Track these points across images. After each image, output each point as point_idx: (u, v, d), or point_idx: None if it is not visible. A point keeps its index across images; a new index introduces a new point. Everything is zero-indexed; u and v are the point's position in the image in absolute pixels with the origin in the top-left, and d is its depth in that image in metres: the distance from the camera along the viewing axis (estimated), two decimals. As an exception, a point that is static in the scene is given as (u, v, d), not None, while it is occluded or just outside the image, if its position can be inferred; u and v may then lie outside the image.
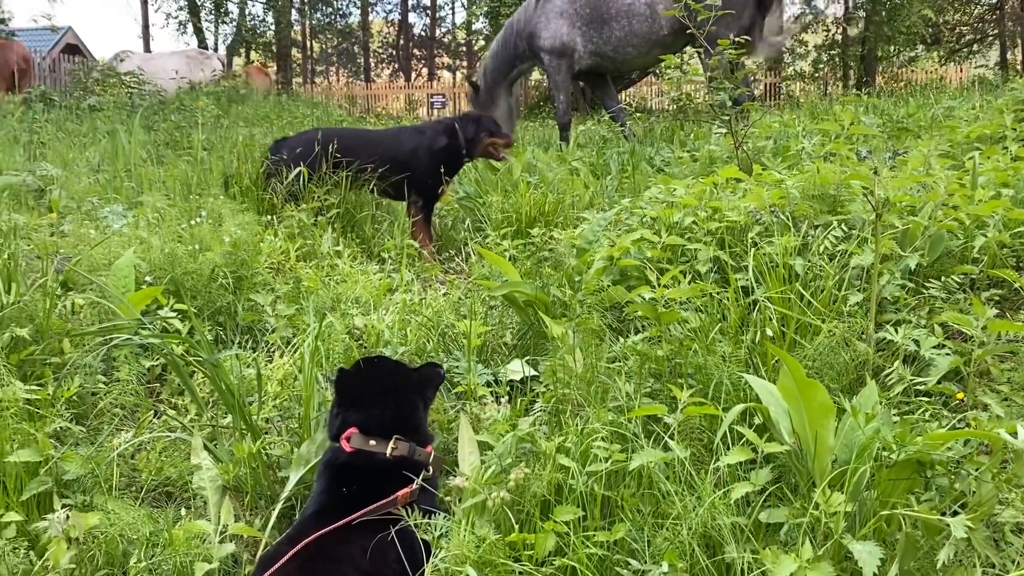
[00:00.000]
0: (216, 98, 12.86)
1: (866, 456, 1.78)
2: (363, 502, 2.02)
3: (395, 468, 2.14)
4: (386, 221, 5.85)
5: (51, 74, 19.40)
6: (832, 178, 3.41)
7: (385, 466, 2.15)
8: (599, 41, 9.55)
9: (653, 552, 1.82)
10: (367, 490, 2.07)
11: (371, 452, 2.17)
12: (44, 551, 2.07)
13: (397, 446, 2.18)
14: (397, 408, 2.31)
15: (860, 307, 2.74)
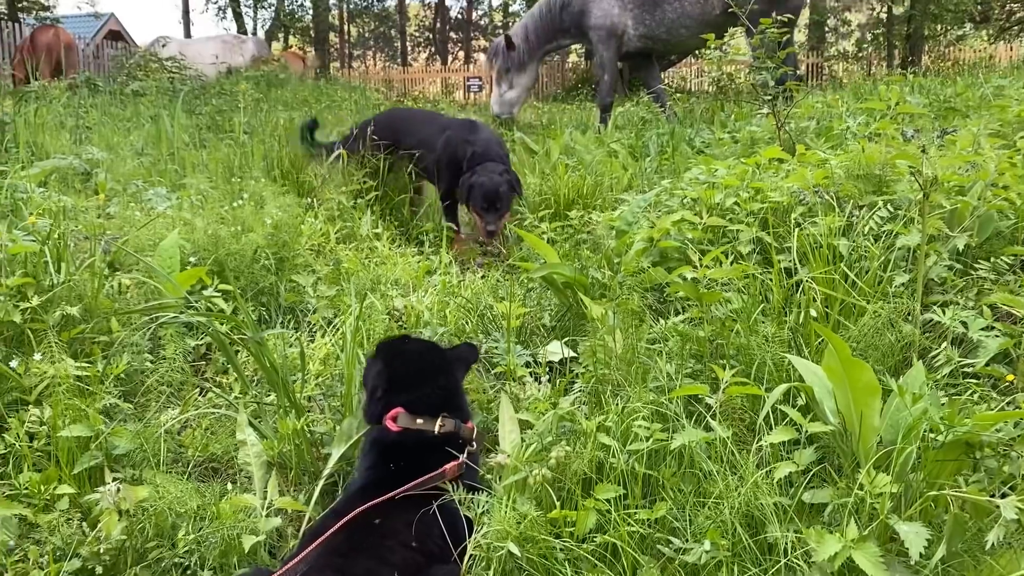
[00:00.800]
0: (255, 82, 12.97)
1: (913, 437, 1.76)
2: (409, 478, 2.04)
3: (442, 445, 2.16)
4: (424, 204, 5.86)
5: (95, 60, 19.71)
6: (878, 158, 3.35)
7: (433, 443, 2.16)
8: (652, 23, 9.46)
9: (695, 531, 1.82)
10: (414, 466, 2.09)
11: (420, 430, 2.19)
12: (96, 523, 2.13)
13: (445, 423, 2.20)
14: (441, 387, 2.32)
15: (906, 288, 2.69)
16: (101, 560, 2.03)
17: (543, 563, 1.78)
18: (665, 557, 1.79)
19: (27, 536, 2.17)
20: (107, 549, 2.04)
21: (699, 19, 9.29)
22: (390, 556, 1.81)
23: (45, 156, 5.45)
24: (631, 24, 9.56)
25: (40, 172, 4.71)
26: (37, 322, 2.83)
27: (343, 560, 1.77)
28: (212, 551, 2.05)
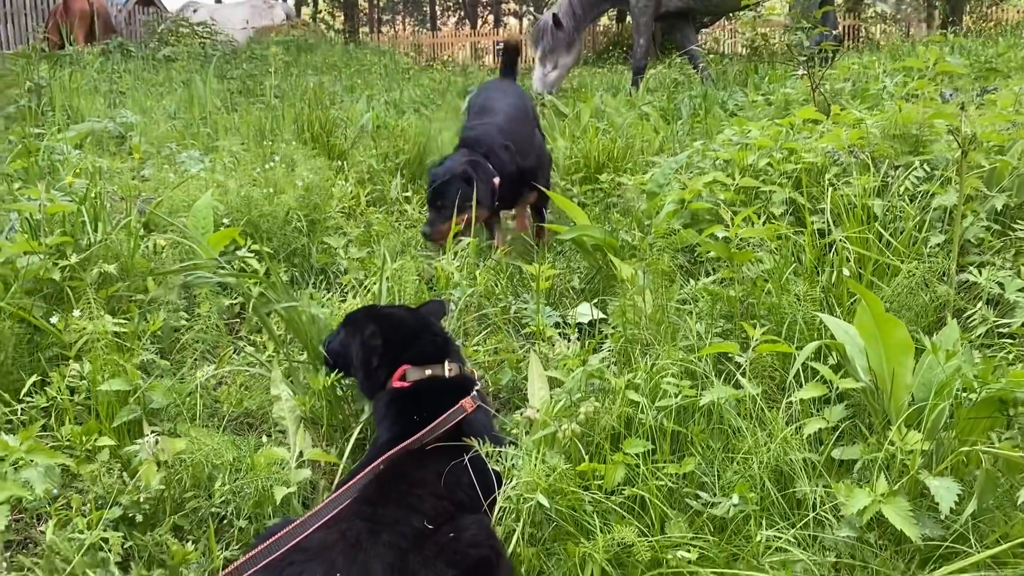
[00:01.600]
0: (285, 47, 12.97)
1: (945, 394, 1.75)
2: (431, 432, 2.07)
3: (456, 389, 2.23)
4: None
5: (127, 26, 19.81)
6: (915, 117, 3.28)
7: (448, 388, 2.23)
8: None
9: (723, 485, 1.83)
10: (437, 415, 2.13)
11: (432, 377, 2.26)
12: (135, 473, 2.18)
13: (452, 367, 2.28)
14: (435, 336, 2.42)
15: (942, 249, 2.65)
16: (141, 508, 2.09)
17: (572, 514, 1.80)
18: (693, 510, 1.81)
19: (69, 485, 2.23)
20: (146, 498, 2.09)
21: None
22: (420, 505, 1.84)
23: (80, 119, 5.52)
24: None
25: (76, 135, 4.78)
26: (76, 280, 2.88)
27: (373, 508, 1.80)
28: (247, 501, 2.09)
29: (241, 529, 2.08)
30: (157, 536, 2.03)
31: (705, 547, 1.69)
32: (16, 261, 2.86)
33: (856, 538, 1.64)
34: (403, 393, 2.27)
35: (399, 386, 2.29)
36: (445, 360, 2.33)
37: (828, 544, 1.67)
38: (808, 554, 1.64)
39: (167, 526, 2.05)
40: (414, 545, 1.72)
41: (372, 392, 2.38)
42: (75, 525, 1.99)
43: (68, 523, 2.02)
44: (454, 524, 1.82)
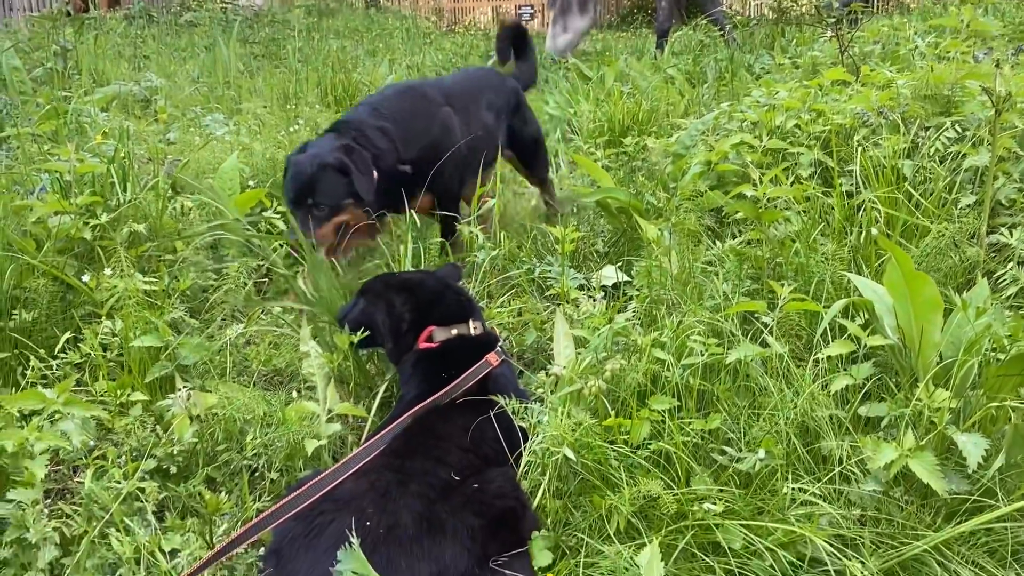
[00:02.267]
0: (307, 11, 12.91)
1: (974, 352, 1.74)
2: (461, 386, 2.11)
3: (481, 347, 2.28)
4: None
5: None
6: (947, 77, 3.23)
7: (475, 345, 2.29)
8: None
9: (749, 442, 1.84)
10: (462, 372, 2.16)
11: (460, 336, 2.32)
12: (168, 427, 2.23)
13: (477, 326, 2.34)
14: (457, 296, 2.47)
15: (972, 209, 2.62)
16: (174, 460, 2.13)
17: (598, 468, 1.82)
18: (718, 465, 1.82)
19: (105, 438, 2.28)
20: (180, 451, 2.14)
21: None
22: (446, 457, 1.87)
23: (106, 83, 5.55)
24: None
25: (102, 98, 4.81)
26: (106, 240, 2.92)
27: (401, 460, 1.83)
28: (278, 454, 2.13)
29: (273, 481, 2.13)
30: (191, 487, 2.07)
31: (731, 500, 1.71)
32: (48, 221, 2.90)
33: (882, 492, 1.65)
34: (430, 353, 2.31)
35: (426, 347, 2.33)
36: (469, 319, 2.38)
37: (853, 498, 1.68)
38: (834, 507, 1.65)
39: (200, 477, 2.09)
40: (441, 495, 1.75)
41: (399, 357, 2.42)
42: (111, 475, 2.04)
43: (104, 474, 2.07)
44: (480, 476, 1.85)
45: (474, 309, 2.44)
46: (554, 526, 1.83)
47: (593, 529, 1.78)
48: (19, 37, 6.00)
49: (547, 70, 8.27)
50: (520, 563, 1.69)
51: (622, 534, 1.72)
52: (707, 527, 1.67)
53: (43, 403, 2.05)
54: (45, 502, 2.01)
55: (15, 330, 2.56)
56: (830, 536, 1.60)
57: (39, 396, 2.06)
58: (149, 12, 12.73)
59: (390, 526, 1.61)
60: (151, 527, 1.91)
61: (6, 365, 2.50)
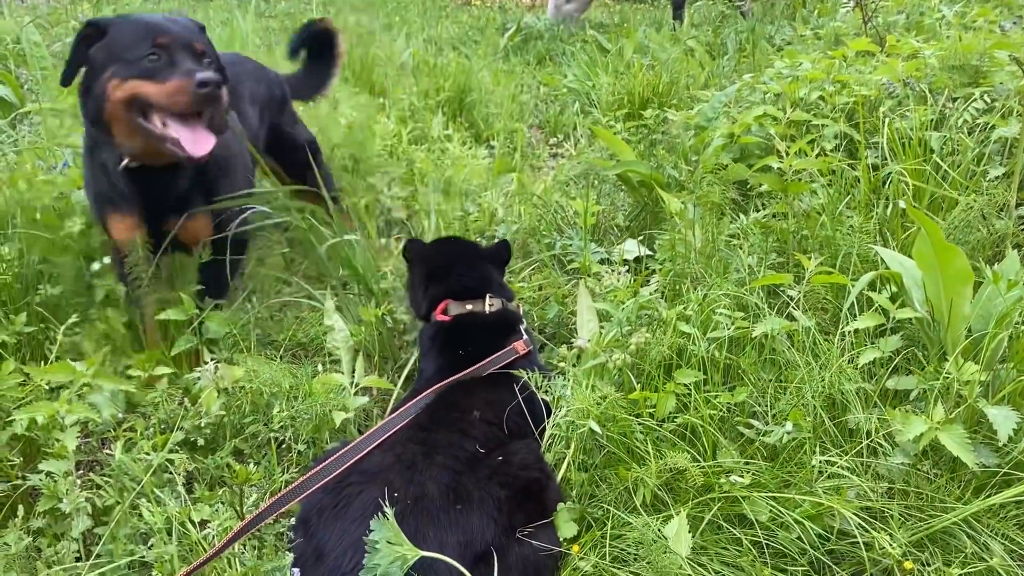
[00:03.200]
0: (322, -15, 12.81)
1: (1005, 325, 1.73)
2: (477, 360, 2.11)
3: (497, 324, 2.29)
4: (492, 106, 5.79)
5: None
6: (976, 47, 3.17)
7: (488, 323, 2.29)
8: None
9: (775, 415, 1.83)
10: (479, 349, 2.17)
11: (472, 312, 2.31)
12: (196, 400, 2.25)
13: (493, 302, 2.33)
14: (479, 272, 2.45)
15: (1001, 181, 2.59)
16: (202, 433, 2.16)
17: (623, 441, 1.83)
18: (745, 438, 1.82)
19: (133, 411, 2.30)
20: (207, 423, 2.16)
21: None
22: (471, 430, 1.88)
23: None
24: None
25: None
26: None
27: (426, 434, 1.84)
28: (305, 426, 2.15)
29: (300, 452, 2.14)
30: (219, 459, 2.09)
31: (757, 473, 1.71)
32: (71, 196, 2.92)
33: (910, 465, 1.64)
34: (445, 327, 2.32)
35: (441, 319, 2.33)
36: (487, 296, 2.36)
37: (882, 471, 1.68)
38: (862, 480, 1.64)
39: (228, 450, 2.12)
40: (467, 467, 1.76)
41: (418, 314, 2.48)
42: (140, 448, 2.06)
43: (134, 446, 2.09)
44: (505, 448, 1.86)
45: (494, 286, 2.42)
46: (579, 498, 1.84)
47: (619, 501, 1.78)
48: (38, 12, 6.00)
49: (564, 43, 8.19)
50: (546, 534, 1.70)
51: (648, 507, 1.73)
52: (734, 500, 1.67)
53: (73, 376, 2.08)
54: (77, 473, 2.03)
55: (41, 304, 2.58)
56: (858, 509, 1.60)
57: (69, 368, 2.09)
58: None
59: (417, 497, 1.62)
60: (181, 498, 1.94)
61: (33, 339, 2.53)
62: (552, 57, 7.78)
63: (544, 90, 6.49)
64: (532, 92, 6.49)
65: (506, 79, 6.34)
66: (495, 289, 2.42)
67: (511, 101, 5.81)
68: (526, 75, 7.05)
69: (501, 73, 6.61)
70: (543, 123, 5.93)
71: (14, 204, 2.78)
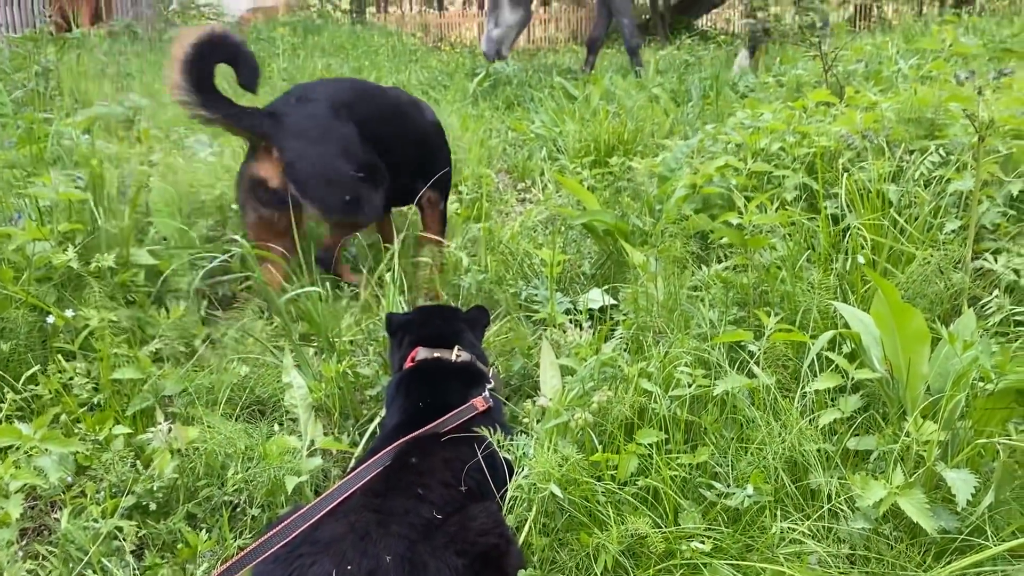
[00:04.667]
0: (292, 28, 12.90)
1: (962, 384, 1.73)
2: (438, 413, 2.08)
3: (462, 374, 2.27)
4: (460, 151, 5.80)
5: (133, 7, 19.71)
6: (930, 100, 3.24)
7: (453, 370, 2.27)
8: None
9: (737, 476, 1.82)
10: (440, 398, 2.16)
11: (438, 358, 2.30)
12: (149, 461, 2.19)
13: (461, 354, 2.31)
14: (453, 329, 2.45)
15: (957, 235, 2.63)
16: (154, 497, 2.10)
17: (585, 505, 1.80)
18: (707, 501, 1.80)
19: (83, 473, 2.24)
20: (160, 487, 2.10)
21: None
22: (428, 494, 1.84)
23: (88, 103, 5.50)
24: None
25: (84, 119, 4.75)
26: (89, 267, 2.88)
27: (381, 500, 1.80)
28: (260, 490, 2.10)
29: (254, 517, 2.09)
30: (171, 524, 2.03)
31: (719, 538, 1.69)
32: (26, 248, 2.86)
33: (871, 530, 1.63)
34: (410, 372, 2.31)
35: (408, 365, 2.32)
36: (455, 347, 2.35)
37: (843, 535, 1.67)
38: (823, 546, 1.63)
39: (181, 514, 2.06)
40: (423, 536, 1.71)
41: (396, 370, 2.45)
42: (89, 513, 2.00)
43: (82, 511, 2.03)
44: (463, 513, 1.82)
45: (466, 343, 2.40)
46: (540, 564, 1.81)
47: (580, 568, 1.75)
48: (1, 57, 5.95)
49: (533, 88, 8.28)
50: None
51: (610, 573, 1.69)
52: (695, 566, 1.64)
53: (19, 440, 2.02)
54: (20, 543, 1.96)
55: (-9, 360, 2.51)
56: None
57: (15, 432, 2.02)
58: (133, 28, 12.69)
59: (371, 571, 1.57)
60: (130, 567, 1.87)
61: (-18, 396, 2.45)
62: (520, 102, 7.86)
63: (512, 135, 6.53)
64: (501, 136, 6.53)
65: (475, 124, 6.38)
66: (467, 346, 2.40)
67: (479, 146, 5.83)
68: (495, 119, 7.10)
69: (470, 118, 6.66)
70: (511, 168, 5.97)
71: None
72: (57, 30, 9.78)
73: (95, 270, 2.84)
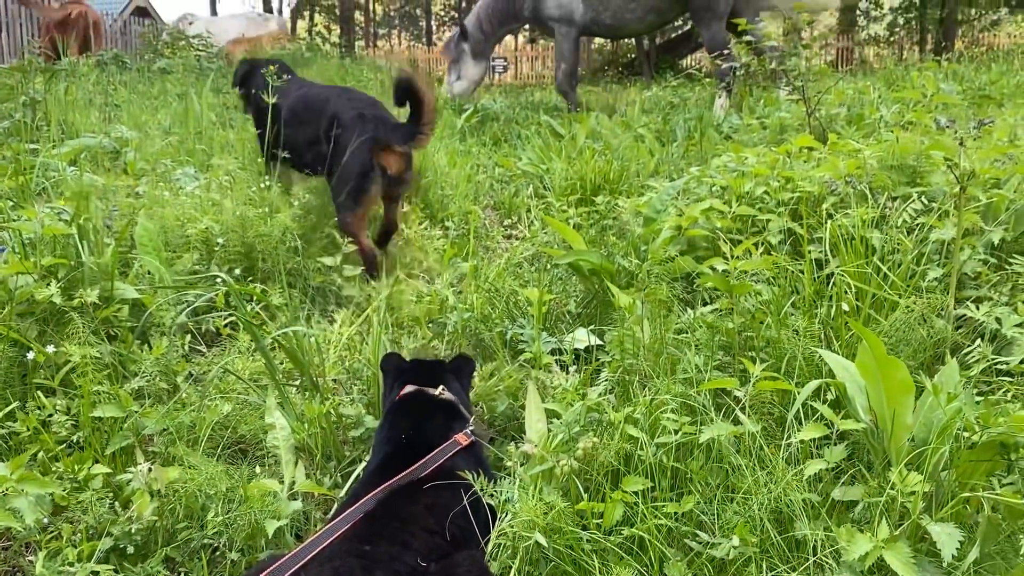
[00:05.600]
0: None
1: (946, 436, 1.74)
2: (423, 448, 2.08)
3: (446, 411, 2.31)
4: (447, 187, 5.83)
5: (122, 36, 19.78)
6: (912, 148, 3.30)
7: (436, 404, 2.32)
8: (599, 7, 9.42)
9: (722, 525, 1.81)
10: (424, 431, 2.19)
11: (422, 390, 2.36)
12: (128, 502, 2.16)
13: (444, 392, 2.36)
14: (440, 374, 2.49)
15: (939, 283, 2.66)
16: (132, 539, 2.06)
17: (569, 554, 1.78)
18: (693, 552, 1.79)
19: (59, 514, 2.20)
20: (138, 529, 2.07)
21: (644, 5, 9.31)
22: (412, 541, 1.82)
23: (75, 135, 5.49)
24: (580, 9, 9.50)
25: (70, 151, 4.75)
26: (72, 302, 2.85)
27: (365, 546, 1.78)
28: (240, 533, 2.07)
29: (233, 562, 2.06)
30: (149, 568, 2.00)
31: (705, 590, 1.68)
32: (8, 282, 2.84)
33: (857, 583, 1.62)
34: (395, 405, 2.36)
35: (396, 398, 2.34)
36: (440, 385, 2.39)
37: (829, 588, 1.66)
38: (809, 599, 1.62)
39: (159, 558, 2.02)
40: (409, 583, 1.70)
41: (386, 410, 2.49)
42: (65, 556, 1.96)
43: (58, 554, 1.99)
44: (448, 560, 1.80)
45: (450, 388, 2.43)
46: (525, 613, 1.78)
47: (565, 618, 1.73)
48: (-14, 88, 5.95)
49: (520, 125, 8.35)
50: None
51: (594, 624, 1.68)
52: (681, 618, 1.63)
53: (-5, 480, 1.98)
54: (-7, 587, 1.92)
55: (-31, 396, 2.48)
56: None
57: (-9, 473, 1.99)
58: (122, 59, 12.71)
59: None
60: (105, 614, 1.84)
61: (-42, 433, 2.42)
62: (507, 139, 7.91)
63: (499, 171, 6.57)
64: (488, 172, 6.57)
65: (462, 160, 6.41)
66: (452, 389, 2.44)
67: (467, 182, 5.86)
68: (482, 155, 7.14)
69: (457, 154, 6.69)
70: (498, 204, 5.99)
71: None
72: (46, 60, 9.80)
73: (78, 305, 2.82)
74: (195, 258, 3.62)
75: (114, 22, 19.96)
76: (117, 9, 25.64)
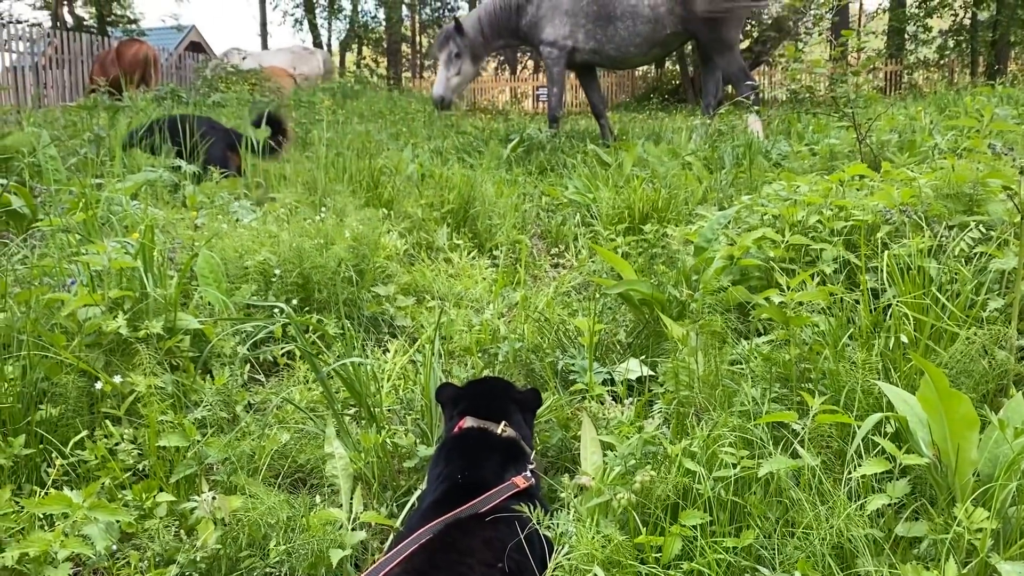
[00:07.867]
0: (331, 94, 13.26)
1: (1013, 472, 1.71)
2: (480, 488, 2.07)
3: (506, 450, 2.24)
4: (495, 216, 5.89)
5: (177, 71, 20.42)
6: (968, 176, 3.25)
7: (497, 444, 2.25)
8: (603, 39, 9.45)
9: (783, 560, 1.80)
10: (482, 471, 2.15)
11: (483, 428, 2.30)
12: (192, 530, 2.21)
13: (507, 430, 2.30)
14: (503, 406, 2.44)
15: (1000, 313, 2.61)
16: (197, 567, 2.11)
17: (629, 588, 1.78)
18: (753, 587, 1.78)
19: (127, 541, 2.26)
20: (203, 557, 2.12)
21: (648, 38, 9.33)
22: (470, 574, 1.83)
23: (137, 169, 5.68)
24: (581, 39, 9.53)
25: (132, 185, 4.91)
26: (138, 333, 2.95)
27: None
28: (301, 563, 2.10)
29: (296, 591, 2.09)
30: (212, 595, 2.04)
31: (767, 627, 1.66)
32: (78, 314, 2.94)
33: (924, 622, 1.60)
34: (454, 439, 2.33)
35: (454, 433, 2.33)
36: (502, 422, 2.35)
37: (895, 627, 1.63)
38: (874, 638, 1.60)
39: (224, 586, 2.07)
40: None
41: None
42: (134, 584, 2.02)
43: (126, 581, 2.05)
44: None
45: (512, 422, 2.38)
46: (584, 648, 1.78)
47: (625, 653, 1.73)
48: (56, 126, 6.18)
49: (566, 154, 8.41)
50: None
51: (655, 659, 1.67)
52: (743, 655, 1.62)
53: (68, 507, 2.05)
54: (66, 612, 1.98)
55: (40, 424, 2.57)
56: (871, 667, 1.55)
57: (64, 500, 2.06)
58: (178, 93, 13.12)
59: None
60: (173, 640, 1.88)
61: (31, 461, 2.50)
62: (553, 168, 7.97)
63: (545, 200, 6.62)
64: (534, 201, 6.62)
65: (509, 189, 6.48)
66: (515, 424, 2.39)
67: (514, 211, 5.91)
68: (528, 185, 7.21)
69: (504, 183, 6.76)
70: (544, 232, 6.04)
71: (21, 321, 2.79)
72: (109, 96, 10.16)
73: (143, 336, 2.91)
74: (253, 289, 3.71)
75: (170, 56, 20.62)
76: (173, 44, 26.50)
